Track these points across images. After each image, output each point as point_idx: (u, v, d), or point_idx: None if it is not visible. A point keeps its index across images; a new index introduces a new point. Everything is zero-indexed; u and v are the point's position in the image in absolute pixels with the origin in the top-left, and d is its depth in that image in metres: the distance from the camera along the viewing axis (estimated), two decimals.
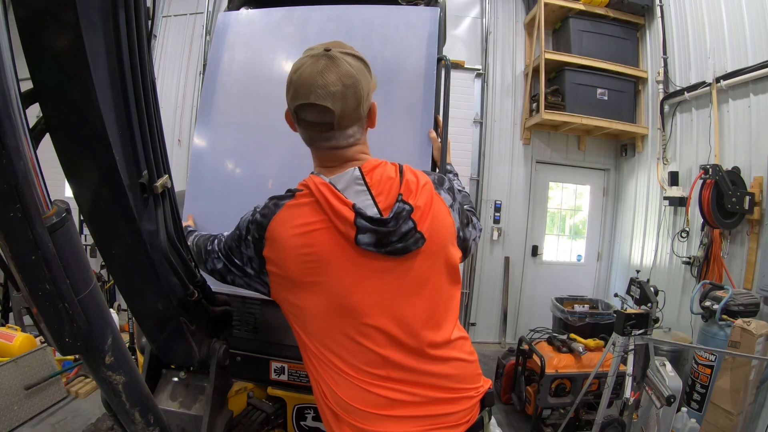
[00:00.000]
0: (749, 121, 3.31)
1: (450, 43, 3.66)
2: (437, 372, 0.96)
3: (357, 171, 0.95)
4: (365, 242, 0.90)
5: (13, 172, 0.60)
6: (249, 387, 1.69)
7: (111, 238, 0.95)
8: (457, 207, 1.05)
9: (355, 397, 0.94)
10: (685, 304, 3.58)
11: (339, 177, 0.95)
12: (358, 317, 0.93)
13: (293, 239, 0.92)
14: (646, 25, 4.63)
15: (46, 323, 0.72)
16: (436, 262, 0.97)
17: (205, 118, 1.83)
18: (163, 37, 5.19)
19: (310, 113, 0.91)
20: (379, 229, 0.89)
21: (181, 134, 5.03)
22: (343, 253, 0.91)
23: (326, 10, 1.83)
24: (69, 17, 0.67)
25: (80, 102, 0.75)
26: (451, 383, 0.97)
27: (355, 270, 0.92)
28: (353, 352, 0.94)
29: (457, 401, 0.98)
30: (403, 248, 0.91)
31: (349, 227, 0.89)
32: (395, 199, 0.92)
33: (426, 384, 0.95)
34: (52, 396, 2.94)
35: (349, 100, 0.90)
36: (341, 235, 0.91)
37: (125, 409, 0.91)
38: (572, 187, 5.35)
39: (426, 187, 0.97)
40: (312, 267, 0.92)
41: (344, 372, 0.94)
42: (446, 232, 0.99)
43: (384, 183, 0.95)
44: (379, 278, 0.93)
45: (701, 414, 2.80)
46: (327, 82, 0.88)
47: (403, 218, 0.90)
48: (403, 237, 0.91)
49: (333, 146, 0.96)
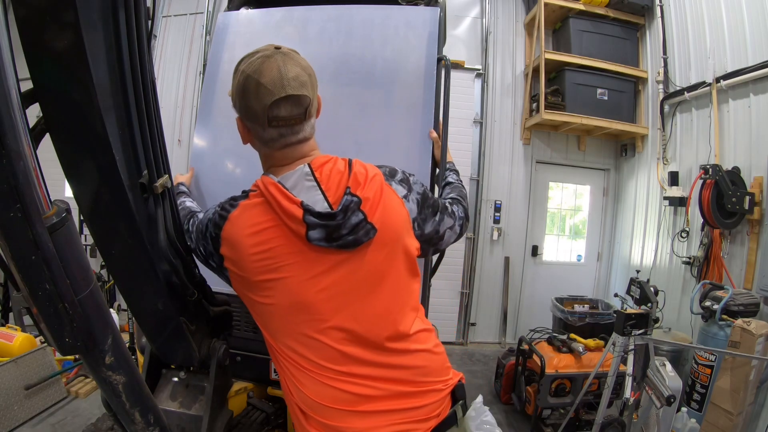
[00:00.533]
0: (749, 121, 3.31)
1: (450, 43, 3.66)
2: (400, 364, 0.97)
3: (307, 167, 0.96)
4: (316, 238, 0.91)
5: (13, 172, 0.60)
6: (249, 387, 1.69)
7: (111, 238, 0.95)
8: (415, 197, 1.03)
9: (320, 394, 0.95)
10: (685, 304, 3.58)
11: (288, 175, 0.96)
12: (314, 314, 0.94)
13: (247, 239, 0.93)
14: (646, 25, 4.63)
15: (46, 323, 0.72)
16: (392, 253, 0.97)
17: (205, 118, 1.83)
18: (163, 37, 5.19)
19: (285, 108, 0.91)
20: (328, 224, 0.90)
21: (181, 134, 5.03)
22: (296, 250, 0.92)
23: (326, 10, 1.83)
24: (69, 17, 0.67)
25: (80, 102, 0.75)
26: (416, 376, 0.98)
27: (309, 266, 0.93)
28: (313, 348, 0.95)
29: (424, 394, 0.98)
30: (354, 240, 0.91)
31: (299, 224, 0.90)
32: (344, 192, 0.93)
33: (390, 378, 0.96)
34: (52, 396, 2.94)
35: (314, 87, 0.95)
36: (292, 232, 0.91)
37: (125, 409, 0.91)
38: (572, 187, 5.35)
39: (375, 179, 0.97)
40: (266, 266, 0.93)
41: (306, 369, 0.95)
42: (400, 224, 0.98)
43: (333, 177, 0.95)
44: (334, 273, 0.93)
45: (701, 414, 2.80)
46: (297, 74, 0.91)
47: (352, 210, 0.91)
48: (354, 229, 0.91)
49: (300, 140, 0.97)
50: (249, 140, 1.02)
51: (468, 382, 3.78)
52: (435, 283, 1.87)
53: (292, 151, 0.98)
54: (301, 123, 0.95)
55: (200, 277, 1.23)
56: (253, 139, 1.00)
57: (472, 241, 4.93)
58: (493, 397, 3.54)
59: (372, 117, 1.71)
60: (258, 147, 1.02)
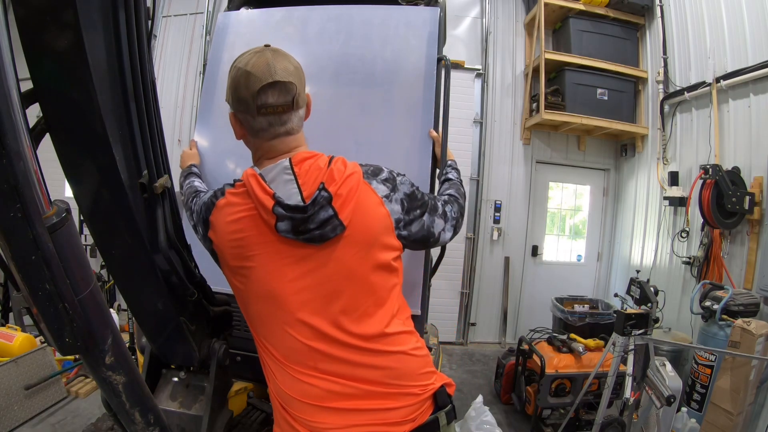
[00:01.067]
0: (749, 121, 3.31)
1: (450, 43, 3.66)
2: (370, 364, 0.96)
3: (287, 162, 0.98)
4: (283, 229, 0.93)
5: (13, 172, 0.60)
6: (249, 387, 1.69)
7: (111, 238, 0.95)
8: (399, 197, 1.02)
9: (292, 388, 0.96)
10: (685, 304, 3.58)
11: (270, 168, 0.98)
12: (282, 305, 0.96)
13: (226, 226, 0.97)
14: (646, 25, 4.63)
15: (46, 323, 0.72)
16: (363, 252, 0.96)
17: (205, 118, 1.83)
18: (163, 37, 5.19)
19: (272, 95, 0.94)
20: (294, 216, 0.92)
21: (181, 134, 5.03)
22: (266, 240, 0.95)
23: (326, 10, 1.83)
24: (69, 17, 0.67)
25: (80, 102, 0.75)
26: (387, 378, 0.96)
27: (277, 257, 0.95)
28: (283, 340, 0.97)
29: (398, 396, 0.96)
30: (320, 235, 0.93)
31: (270, 215, 0.93)
32: (317, 187, 0.94)
33: (359, 377, 0.95)
34: (52, 396, 2.94)
35: (301, 80, 0.99)
36: (264, 222, 0.94)
37: (125, 409, 0.91)
38: (572, 187, 5.34)
39: (352, 177, 0.97)
40: (241, 252, 0.96)
41: (279, 361, 0.98)
42: (375, 223, 0.97)
43: (312, 173, 0.96)
44: (299, 266, 0.95)
45: (701, 414, 2.80)
46: (284, 65, 0.95)
47: (320, 205, 0.92)
48: (322, 224, 0.92)
49: (288, 131, 0.99)
50: (242, 135, 1.04)
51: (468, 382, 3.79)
52: (435, 283, 1.87)
53: (280, 143, 1.00)
54: (288, 112, 0.97)
55: (200, 277, 1.23)
56: (245, 133, 1.03)
57: (472, 241, 4.93)
58: (493, 397, 3.54)
59: (372, 117, 1.71)
60: (249, 141, 1.04)
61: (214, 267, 1.29)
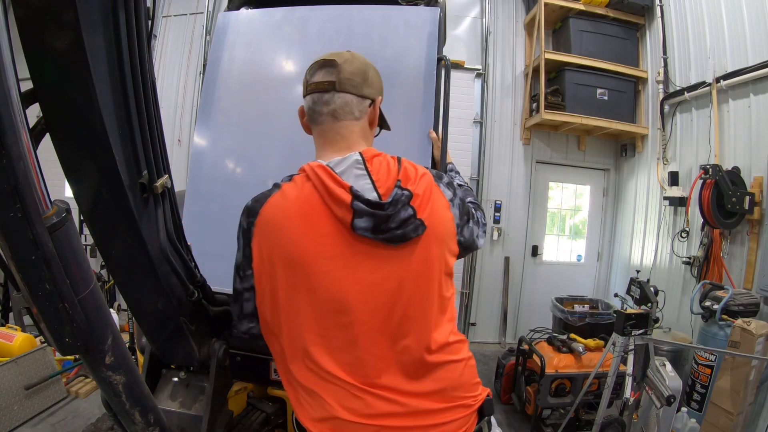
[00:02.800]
0: (749, 121, 3.31)
1: (450, 43, 3.66)
2: (433, 377, 0.91)
3: (358, 155, 0.93)
4: (362, 227, 0.85)
5: (13, 172, 0.60)
6: (249, 387, 1.69)
7: (111, 238, 0.95)
8: (458, 203, 1.01)
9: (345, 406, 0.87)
10: (685, 304, 3.58)
11: (338, 161, 0.92)
12: (349, 311, 0.87)
13: (287, 221, 0.88)
14: (646, 25, 4.63)
15: (46, 323, 0.72)
16: (437, 255, 0.92)
17: (205, 118, 1.84)
18: (163, 37, 5.19)
19: (319, 73, 0.95)
20: (377, 213, 0.84)
21: (181, 134, 5.03)
22: (338, 239, 0.86)
23: (326, 10, 1.83)
24: (69, 17, 0.67)
25: (80, 102, 0.75)
26: (446, 390, 0.92)
27: (350, 258, 0.87)
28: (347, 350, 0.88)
29: (452, 410, 0.92)
30: (402, 235, 0.86)
31: (345, 210, 0.85)
32: (394, 185, 0.89)
33: (419, 393, 0.90)
34: (52, 396, 2.94)
35: (353, 67, 0.95)
36: (336, 219, 0.86)
37: (125, 409, 0.91)
38: (572, 187, 5.34)
39: (425, 177, 0.94)
40: (302, 253, 0.87)
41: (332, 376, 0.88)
42: (445, 225, 0.95)
43: (383, 170, 0.92)
44: (375, 270, 0.87)
45: (701, 414, 2.80)
46: (342, 54, 0.97)
47: (402, 203, 0.86)
48: (403, 223, 0.86)
49: (331, 112, 0.95)
50: (304, 123, 1.03)
51: None
52: None
53: (329, 129, 0.96)
54: (330, 91, 0.94)
55: (200, 277, 1.23)
56: (306, 121, 1.02)
57: None
58: (493, 397, 3.54)
59: None
60: (312, 130, 1.02)
61: (214, 267, 1.30)
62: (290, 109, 1.87)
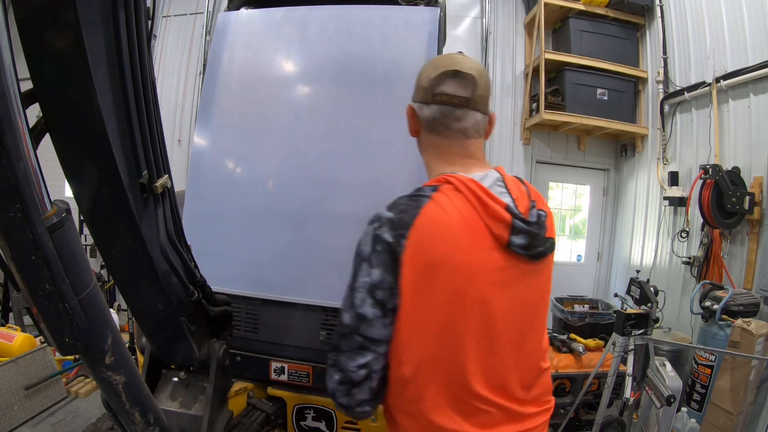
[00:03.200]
0: (749, 121, 3.31)
1: (450, 43, 3.66)
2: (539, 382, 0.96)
3: (497, 173, 0.94)
4: (518, 244, 0.85)
5: (13, 172, 0.60)
6: (249, 387, 1.69)
7: (111, 238, 0.95)
8: None
9: (468, 419, 0.86)
10: (685, 304, 3.58)
11: (481, 176, 0.91)
12: (492, 326, 0.86)
13: (449, 234, 0.83)
14: (646, 25, 4.63)
15: (46, 323, 0.72)
16: (550, 271, 0.98)
17: (205, 118, 1.84)
18: (163, 37, 5.18)
19: (451, 84, 0.91)
20: (532, 231, 0.86)
21: (181, 134, 5.02)
22: (495, 254, 0.85)
23: (326, 10, 1.83)
24: (69, 17, 0.67)
25: (80, 102, 0.75)
26: (542, 395, 0.97)
27: (504, 273, 0.86)
28: (492, 366, 0.87)
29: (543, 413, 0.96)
30: (542, 252, 0.90)
31: (504, 228, 0.84)
32: (529, 204, 0.91)
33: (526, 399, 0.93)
34: (52, 396, 2.94)
35: (484, 82, 0.94)
36: (492, 236, 0.84)
37: (125, 409, 0.91)
38: (572, 187, 5.34)
39: (543, 198, 0.99)
40: (458, 270, 0.84)
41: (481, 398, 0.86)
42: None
43: (515, 189, 0.93)
44: (518, 284, 0.89)
45: (701, 414, 2.80)
46: (471, 63, 0.94)
47: (542, 223, 0.90)
48: (543, 242, 0.90)
49: (462, 129, 0.93)
50: (414, 128, 1.01)
51: None
52: None
53: (459, 145, 0.94)
54: (464, 107, 0.92)
55: (201, 278, 1.23)
56: (418, 126, 0.99)
57: None
58: None
59: (372, 117, 1.71)
60: (423, 138, 1.00)
61: (214, 267, 1.30)
62: (290, 109, 1.87)
